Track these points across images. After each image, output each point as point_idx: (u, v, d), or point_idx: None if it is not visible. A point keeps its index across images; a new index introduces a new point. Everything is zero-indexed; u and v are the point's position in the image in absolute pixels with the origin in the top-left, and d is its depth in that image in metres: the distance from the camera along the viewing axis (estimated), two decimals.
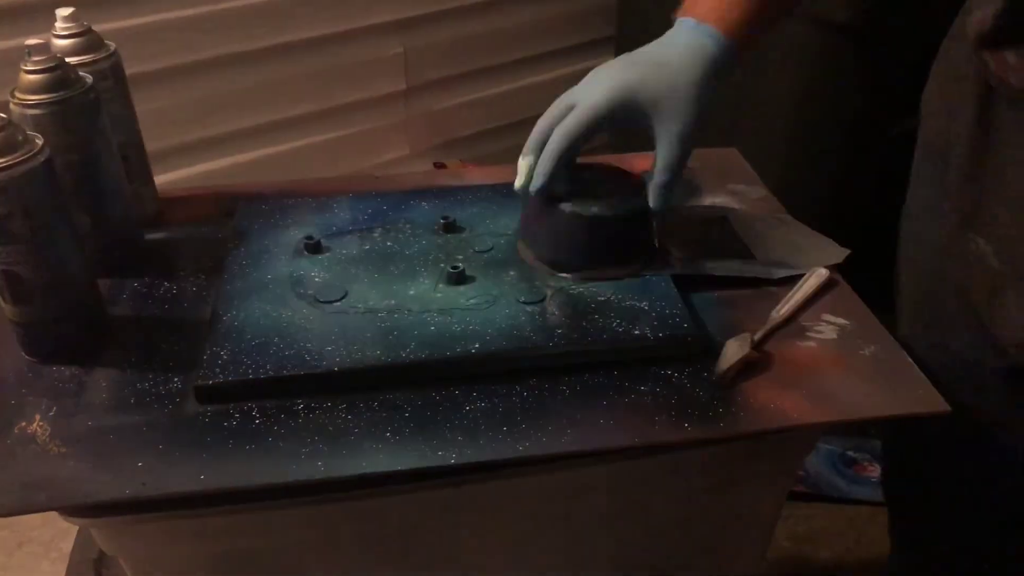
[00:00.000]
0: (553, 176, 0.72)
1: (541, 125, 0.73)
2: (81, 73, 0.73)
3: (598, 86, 0.71)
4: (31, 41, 0.69)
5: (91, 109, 0.72)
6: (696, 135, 0.71)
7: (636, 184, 0.76)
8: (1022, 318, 0.70)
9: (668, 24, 0.75)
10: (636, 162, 0.95)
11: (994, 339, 0.73)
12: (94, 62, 0.76)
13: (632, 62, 0.72)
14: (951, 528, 0.90)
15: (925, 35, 1.44)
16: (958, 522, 0.89)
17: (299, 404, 0.64)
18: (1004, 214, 0.70)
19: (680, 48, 0.71)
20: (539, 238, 0.76)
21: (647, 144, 0.74)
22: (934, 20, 1.42)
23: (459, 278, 0.74)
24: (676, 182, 0.72)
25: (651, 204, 0.73)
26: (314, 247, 0.78)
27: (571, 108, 0.71)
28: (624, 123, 0.71)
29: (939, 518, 0.91)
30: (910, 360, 0.68)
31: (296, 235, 0.80)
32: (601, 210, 0.73)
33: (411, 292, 0.73)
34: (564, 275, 0.74)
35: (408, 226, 0.82)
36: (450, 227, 0.81)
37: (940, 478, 0.89)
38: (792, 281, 0.76)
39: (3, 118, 0.62)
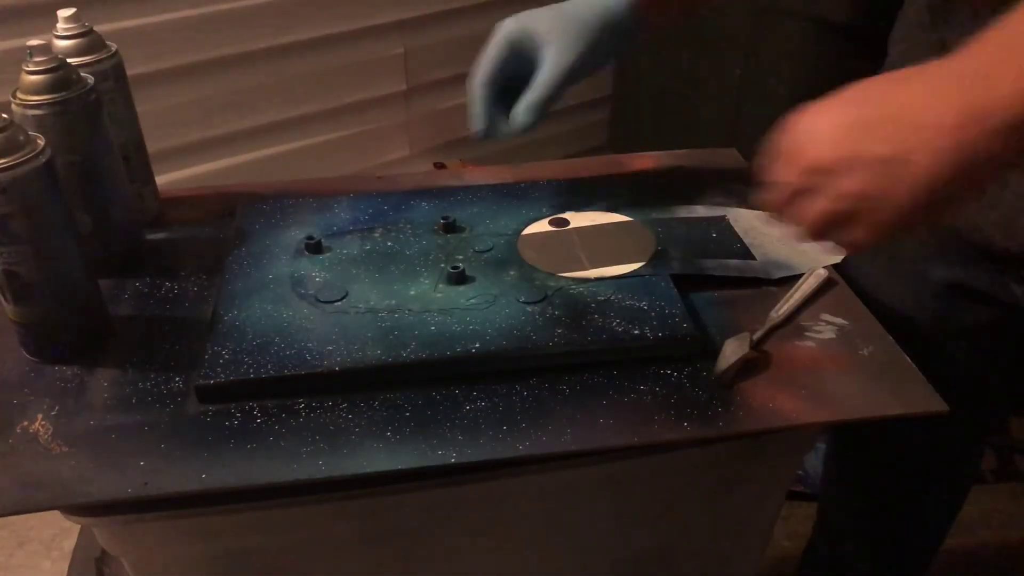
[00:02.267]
0: (485, 119, 0.77)
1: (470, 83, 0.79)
2: (82, 74, 0.73)
3: (496, 33, 0.77)
4: (32, 42, 0.69)
5: (92, 110, 0.73)
6: (578, 72, 0.75)
7: None
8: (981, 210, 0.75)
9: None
10: (636, 162, 0.95)
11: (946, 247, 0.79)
12: (95, 63, 0.77)
13: (533, 9, 0.77)
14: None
15: None
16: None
17: (300, 403, 0.64)
18: None
19: (581, 1, 0.77)
20: None
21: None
22: None
23: (459, 278, 0.74)
24: (546, 104, 0.75)
25: (519, 118, 0.75)
26: (315, 247, 0.78)
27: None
28: (520, 55, 0.76)
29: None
30: (909, 360, 0.68)
31: (297, 235, 0.81)
32: None
33: (411, 292, 0.73)
34: (564, 275, 0.75)
35: (408, 226, 0.82)
36: (450, 227, 0.81)
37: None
38: (791, 281, 0.76)
39: (5, 119, 0.62)
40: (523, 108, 0.75)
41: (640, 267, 0.76)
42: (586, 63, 0.75)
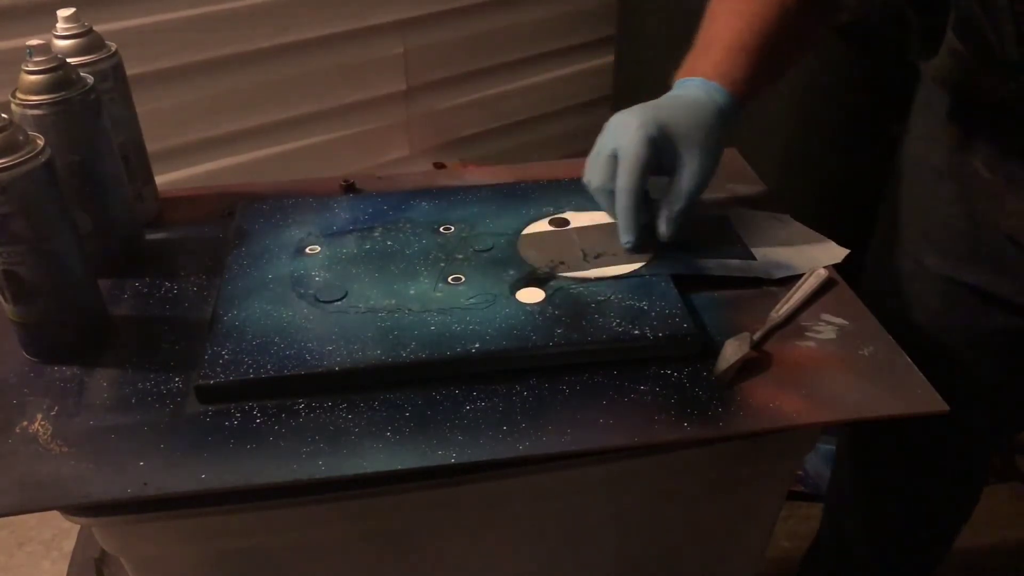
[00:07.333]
0: (639, 231, 0.76)
1: (596, 184, 0.76)
2: (82, 73, 0.73)
3: (630, 130, 0.73)
4: (32, 42, 0.69)
5: (92, 109, 0.73)
6: (713, 172, 0.75)
7: None
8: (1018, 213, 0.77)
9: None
10: None
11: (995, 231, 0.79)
12: (95, 62, 0.77)
13: (655, 105, 0.75)
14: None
15: None
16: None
17: (300, 404, 0.64)
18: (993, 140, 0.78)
19: (696, 95, 0.75)
20: None
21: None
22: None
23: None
24: (692, 211, 0.75)
25: (663, 229, 0.76)
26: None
27: (612, 158, 0.74)
28: (659, 159, 0.74)
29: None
30: (909, 360, 0.68)
31: (296, 235, 0.81)
32: None
33: (411, 292, 0.73)
34: (564, 275, 0.75)
35: (408, 226, 0.82)
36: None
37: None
38: (792, 281, 0.76)
39: (4, 118, 0.62)
40: (666, 220, 0.75)
41: (640, 267, 0.76)
42: (716, 168, 0.76)
